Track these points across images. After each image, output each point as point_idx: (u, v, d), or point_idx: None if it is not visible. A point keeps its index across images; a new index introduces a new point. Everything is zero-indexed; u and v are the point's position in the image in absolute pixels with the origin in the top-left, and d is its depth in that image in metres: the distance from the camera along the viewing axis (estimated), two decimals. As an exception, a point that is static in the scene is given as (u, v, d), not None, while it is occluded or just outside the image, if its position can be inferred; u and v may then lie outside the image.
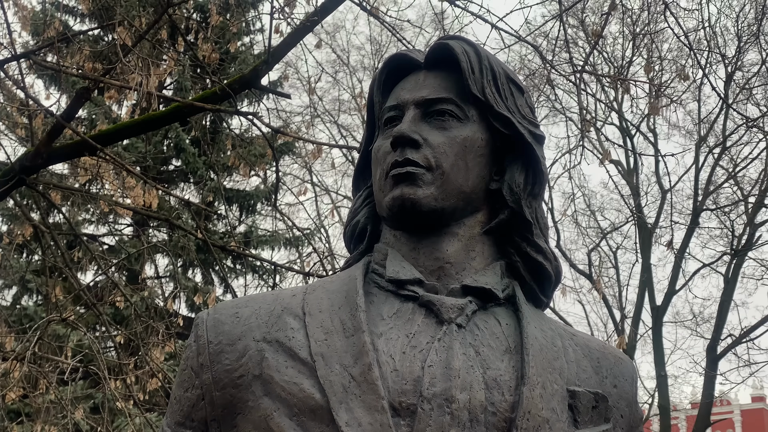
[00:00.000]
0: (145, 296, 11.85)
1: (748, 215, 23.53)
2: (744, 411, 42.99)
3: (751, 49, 22.30)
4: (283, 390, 1.96)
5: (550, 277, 2.22)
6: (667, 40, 20.73)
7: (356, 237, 2.29)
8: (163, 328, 7.18)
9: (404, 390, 1.93)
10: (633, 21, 21.85)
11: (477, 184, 2.18)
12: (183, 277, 17.70)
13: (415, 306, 2.07)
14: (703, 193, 23.45)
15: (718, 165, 23.86)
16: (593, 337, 2.32)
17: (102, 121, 10.58)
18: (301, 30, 6.18)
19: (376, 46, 23.72)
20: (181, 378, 2.15)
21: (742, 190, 24.08)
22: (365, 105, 2.94)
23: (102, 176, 7.38)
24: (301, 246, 18.70)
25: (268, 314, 2.10)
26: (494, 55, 2.27)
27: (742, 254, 23.45)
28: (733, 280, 23.38)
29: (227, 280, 18.60)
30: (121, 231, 18.60)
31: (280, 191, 20.10)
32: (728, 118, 23.38)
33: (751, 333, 23.33)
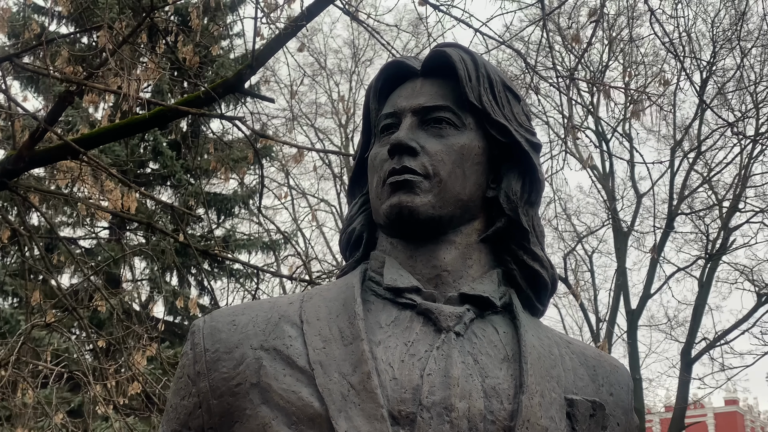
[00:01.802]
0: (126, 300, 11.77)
1: (723, 219, 23.72)
2: (717, 414, 43.24)
3: (727, 55, 22.50)
4: (281, 398, 1.96)
5: (547, 285, 2.23)
6: (644, 44, 20.85)
7: (352, 244, 2.29)
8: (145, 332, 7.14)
9: (403, 398, 1.92)
10: (609, 26, 22.00)
11: (474, 192, 2.18)
12: (161, 280, 17.60)
13: (413, 314, 2.06)
14: (678, 197, 23.61)
15: (693, 169, 24.04)
16: (589, 345, 2.32)
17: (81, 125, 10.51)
18: (285, 34, 6.17)
19: (354, 50, 23.70)
20: (178, 385, 2.13)
21: (716, 195, 24.28)
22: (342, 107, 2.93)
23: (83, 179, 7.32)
24: (278, 249, 18.63)
25: (265, 322, 2.09)
26: (490, 63, 2.28)
27: (716, 258, 23.63)
28: (708, 284, 23.55)
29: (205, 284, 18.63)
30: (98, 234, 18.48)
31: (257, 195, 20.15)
32: (703, 122, 23.56)
33: (725, 337, 23.51)
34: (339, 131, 23.26)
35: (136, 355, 6.92)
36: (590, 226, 26.00)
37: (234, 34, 19.33)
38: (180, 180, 18.57)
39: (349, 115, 24.23)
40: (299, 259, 18.64)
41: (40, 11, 18.80)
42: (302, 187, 21.63)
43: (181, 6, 15.15)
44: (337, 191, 23.23)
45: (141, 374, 6.88)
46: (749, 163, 23.49)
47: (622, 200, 25.10)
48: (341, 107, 23.90)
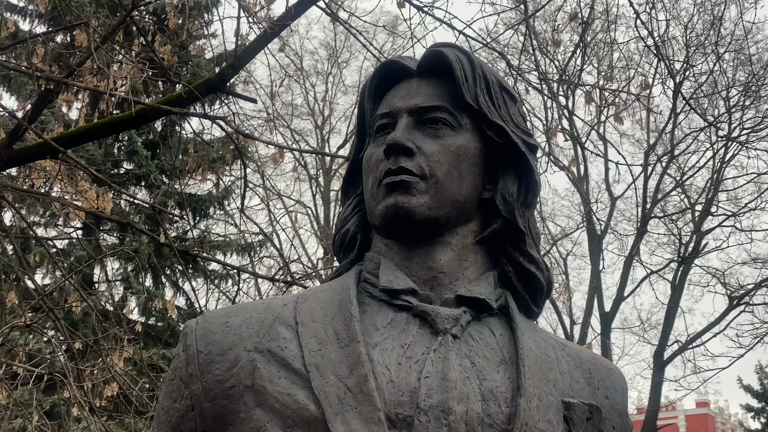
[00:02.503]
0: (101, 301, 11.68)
1: (695, 223, 23.89)
2: (689, 416, 43.54)
3: (702, 61, 22.66)
4: (276, 401, 1.93)
5: (542, 288, 2.21)
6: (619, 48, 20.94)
7: (346, 245, 2.27)
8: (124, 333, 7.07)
9: (400, 401, 1.90)
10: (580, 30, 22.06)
11: (470, 193, 2.16)
12: (135, 281, 17.48)
13: (409, 316, 2.04)
14: (652, 200, 23.76)
15: (667, 173, 24.20)
16: (584, 348, 2.31)
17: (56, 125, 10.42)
18: (268, 34, 6.13)
19: (330, 51, 23.67)
20: (169, 388, 2.10)
21: (689, 198, 24.46)
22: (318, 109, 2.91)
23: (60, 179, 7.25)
24: (254, 251, 18.56)
25: (259, 324, 2.06)
26: (486, 63, 2.26)
27: (689, 261, 23.79)
28: (680, 287, 23.71)
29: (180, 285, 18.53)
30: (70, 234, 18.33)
31: (234, 196, 20.06)
32: (676, 127, 23.73)
33: (697, 339, 23.67)
34: (315, 133, 23.25)
35: (113, 357, 6.86)
36: (565, 229, 26.11)
37: (209, 35, 19.22)
38: (155, 180, 18.44)
39: (326, 117, 24.21)
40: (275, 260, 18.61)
41: (13, 10, 18.62)
42: (278, 189, 21.53)
43: (157, 6, 15.06)
44: (312, 193, 23.19)
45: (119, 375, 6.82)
46: (721, 168, 23.69)
47: (597, 203, 25.23)
48: (317, 109, 23.88)
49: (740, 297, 23.17)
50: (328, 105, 24.21)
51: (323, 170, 23.21)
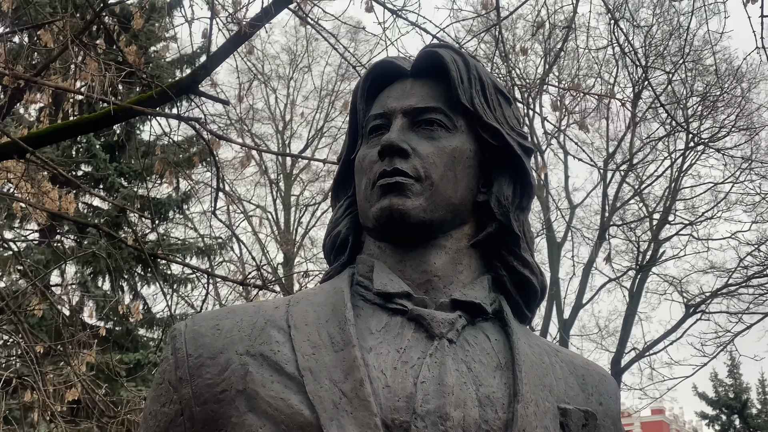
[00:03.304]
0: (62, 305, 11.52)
1: (653, 231, 24.11)
2: (644, 423, 43.86)
3: (658, 69, 22.87)
4: (269, 406, 1.89)
5: (536, 292, 2.19)
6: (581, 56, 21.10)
7: (337, 248, 2.23)
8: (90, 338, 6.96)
9: (397, 407, 1.87)
10: (545, 38, 22.22)
11: (465, 195, 2.14)
12: (93, 285, 17.28)
13: (403, 320, 2.01)
14: (610, 209, 23.94)
15: (625, 182, 24.42)
16: (576, 354, 2.30)
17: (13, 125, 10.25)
18: (242, 35, 6.07)
19: (292, 55, 23.59)
20: (157, 392, 2.05)
21: (647, 207, 24.68)
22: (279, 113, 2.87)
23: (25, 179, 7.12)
24: (213, 255, 18.42)
25: (250, 327, 2.02)
26: (482, 65, 2.24)
27: (646, 269, 24.00)
28: (638, 295, 23.91)
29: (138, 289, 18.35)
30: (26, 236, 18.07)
31: (193, 200, 19.91)
32: (635, 136, 23.95)
33: (654, 347, 23.87)
34: (276, 137, 23.15)
35: (77, 361, 6.75)
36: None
37: (171, 37, 19.08)
38: (113, 183, 18.24)
39: (287, 122, 24.11)
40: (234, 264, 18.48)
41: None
42: (238, 193, 21.37)
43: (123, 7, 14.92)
44: (273, 198, 23.08)
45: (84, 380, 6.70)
46: (679, 177, 23.95)
47: (557, 211, 25.38)
48: (278, 113, 23.78)
49: (696, 305, 23.39)
50: (289, 109, 24.13)
51: (284, 175, 23.13)
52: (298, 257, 22.30)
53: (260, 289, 6.76)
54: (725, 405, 31.89)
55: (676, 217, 24.08)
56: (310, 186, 24.26)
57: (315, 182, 24.25)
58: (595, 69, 21.87)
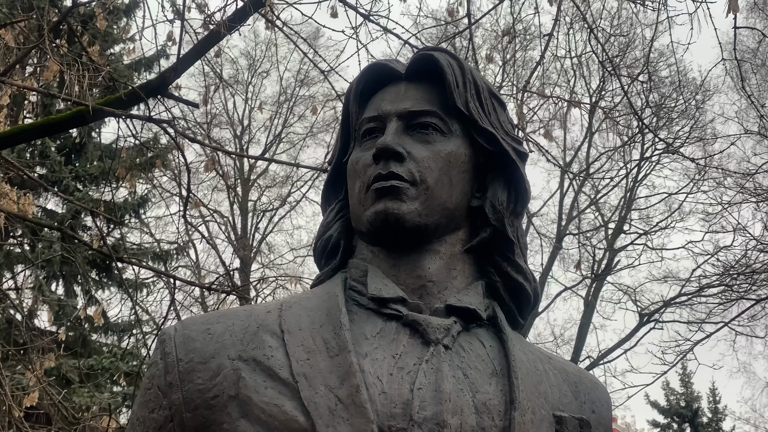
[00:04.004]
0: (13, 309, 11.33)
1: (608, 241, 24.31)
2: (595, 431, 44.17)
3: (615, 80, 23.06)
4: (262, 412, 1.85)
5: (530, 299, 2.18)
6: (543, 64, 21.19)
7: (329, 252, 2.20)
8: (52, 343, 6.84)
9: (393, 413, 1.84)
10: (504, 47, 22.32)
11: (460, 200, 2.12)
12: (47, 289, 17.03)
13: (398, 325, 1.98)
14: (567, 218, 24.11)
15: (582, 191, 24.60)
16: (568, 361, 2.29)
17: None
18: (212, 37, 6.01)
19: (250, 60, 23.47)
20: (146, 398, 2.00)
21: (603, 216, 24.88)
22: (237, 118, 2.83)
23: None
24: (170, 260, 18.26)
25: (242, 331, 1.98)
26: (476, 69, 2.22)
27: (601, 278, 24.18)
28: (593, 304, 24.07)
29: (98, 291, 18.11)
30: None
31: (149, 204, 19.72)
32: (591, 146, 24.15)
33: (609, 355, 24.05)
34: (234, 142, 23.01)
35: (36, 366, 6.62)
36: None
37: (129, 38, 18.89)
38: (68, 186, 18.00)
39: (245, 127, 23.98)
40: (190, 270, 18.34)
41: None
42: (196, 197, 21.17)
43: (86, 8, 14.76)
44: (230, 202, 22.93)
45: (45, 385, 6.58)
46: (634, 187, 24.18)
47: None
48: (236, 118, 23.64)
49: (650, 314, 23.61)
50: (247, 114, 24.02)
51: (242, 180, 23.00)
52: (255, 263, 22.20)
53: (228, 294, 6.68)
54: (676, 413, 32.20)
55: (631, 227, 24.32)
56: (268, 191, 24.19)
57: (273, 187, 24.18)
58: (553, 78, 22.01)
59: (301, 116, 24.22)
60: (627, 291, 24.26)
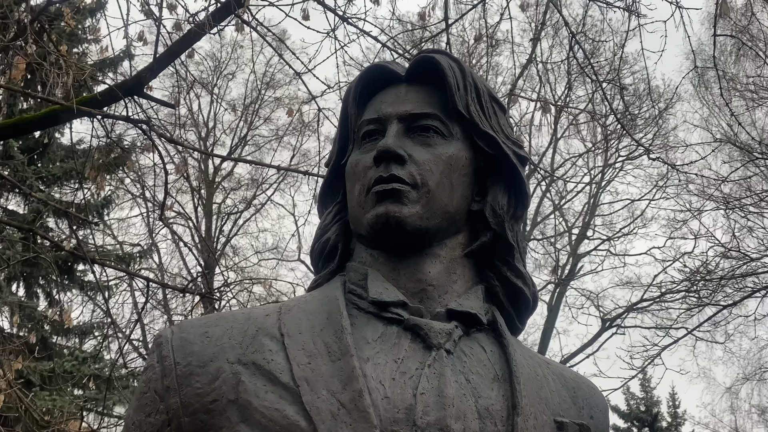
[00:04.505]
0: None
1: (572, 246, 24.44)
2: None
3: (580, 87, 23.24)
4: (263, 416, 1.83)
5: (528, 303, 2.17)
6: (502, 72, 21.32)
7: (326, 255, 2.17)
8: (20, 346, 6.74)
9: (396, 418, 1.83)
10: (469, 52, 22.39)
11: (460, 204, 2.10)
12: (7, 290, 16.79)
13: (399, 329, 1.97)
14: (531, 223, 24.20)
15: (546, 196, 24.72)
16: (565, 366, 2.28)
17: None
18: (189, 38, 5.95)
19: (216, 62, 23.32)
20: (142, 401, 1.97)
21: (566, 222, 25.02)
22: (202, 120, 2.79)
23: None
24: (133, 262, 18.09)
25: (241, 334, 1.96)
26: (476, 72, 2.21)
27: (565, 284, 24.30)
28: (556, 309, 24.19)
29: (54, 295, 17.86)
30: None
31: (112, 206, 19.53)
32: (556, 152, 24.29)
33: (571, 360, 24.17)
34: (199, 144, 22.82)
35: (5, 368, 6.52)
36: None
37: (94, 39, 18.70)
38: (32, 186, 17.76)
39: (210, 129, 23.84)
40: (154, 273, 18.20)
41: None
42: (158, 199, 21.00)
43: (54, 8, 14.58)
44: (195, 205, 22.76)
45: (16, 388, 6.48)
46: (598, 193, 24.34)
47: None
48: (201, 120, 23.50)
49: (612, 319, 23.76)
50: (212, 116, 23.88)
51: (206, 182, 22.85)
52: (219, 266, 22.05)
53: (203, 297, 6.62)
54: (636, 418, 32.38)
55: (595, 233, 24.48)
56: (233, 194, 24.05)
57: (237, 190, 24.05)
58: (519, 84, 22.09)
59: (267, 119, 24.12)
60: (590, 296, 24.43)
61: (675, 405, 31.06)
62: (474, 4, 7.66)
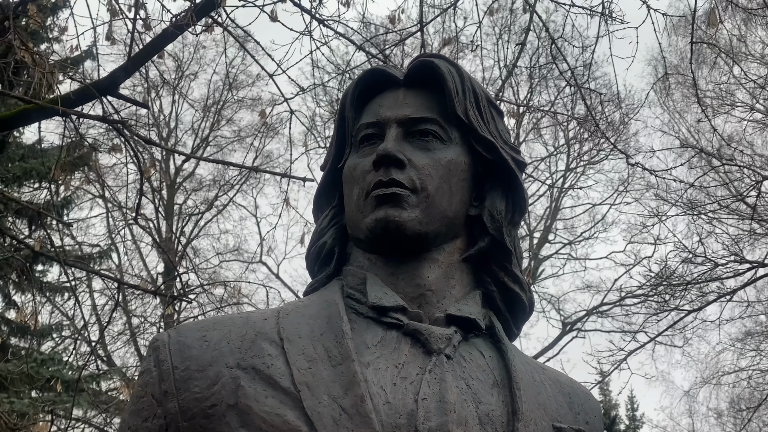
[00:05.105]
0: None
1: (533, 250, 24.57)
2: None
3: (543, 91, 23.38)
4: (263, 422, 1.81)
5: (525, 309, 2.17)
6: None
7: (323, 259, 2.16)
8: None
9: (398, 424, 1.82)
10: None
11: (459, 209, 2.10)
12: None
13: (399, 334, 1.96)
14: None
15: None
16: (560, 372, 2.28)
17: None
18: (164, 37, 5.89)
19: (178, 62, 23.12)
20: (138, 406, 1.94)
21: (528, 225, 25.13)
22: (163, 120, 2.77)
23: None
24: (94, 263, 17.89)
25: (240, 339, 1.94)
26: (474, 77, 2.21)
27: (526, 287, 24.38)
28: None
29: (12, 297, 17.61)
30: None
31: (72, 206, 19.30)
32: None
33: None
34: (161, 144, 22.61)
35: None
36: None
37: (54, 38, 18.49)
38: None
39: (171, 129, 23.66)
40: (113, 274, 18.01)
41: None
42: (117, 200, 20.80)
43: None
44: (155, 207, 22.56)
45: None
46: (559, 197, 24.50)
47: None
48: (162, 120, 23.32)
49: (572, 323, 23.91)
50: (174, 117, 23.70)
51: (167, 183, 22.66)
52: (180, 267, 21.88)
53: (174, 299, 6.56)
54: (594, 421, 32.67)
55: (556, 236, 24.63)
56: (194, 195, 23.87)
57: (199, 191, 23.87)
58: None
59: (229, 120, 23.98)
60: (551, 300, 24.56)
61: (633, 408, 31.33)
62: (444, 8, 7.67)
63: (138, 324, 20.35)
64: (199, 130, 23.62)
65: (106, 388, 17.74)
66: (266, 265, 22.34)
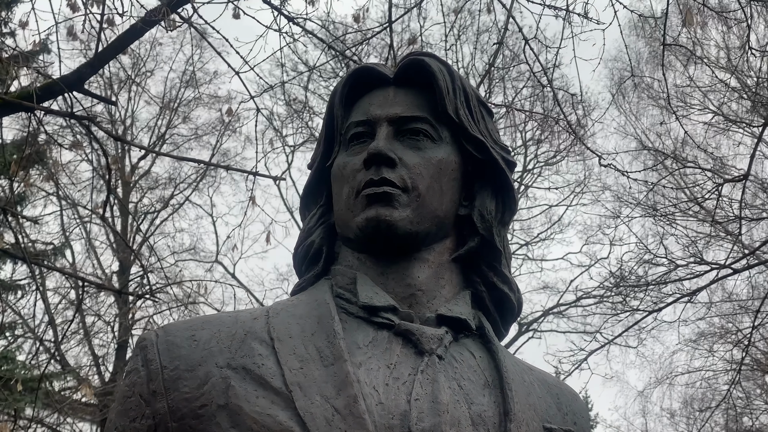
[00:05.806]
0: None
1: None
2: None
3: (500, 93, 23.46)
4: (254, 422, 1.79)
5: (514, 309, 2.17)
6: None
7: (310, 258, 2.14)
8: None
9: (391, 425, 1.80)
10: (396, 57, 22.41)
11: (449, 208, 2.09)
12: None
13: (390, 335, 1.95)
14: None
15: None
16: (546, 372, 2.28)
17: None
18: (132, 33, 5.81)
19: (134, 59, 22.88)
20: (126, 406, 1.91)
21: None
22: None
23: None
24: (49, 261, 17.64)
25: (229, 338, 1.91)
26: (464, 76, 2.20)
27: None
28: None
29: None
30: None
31: (25, 203, 19.03)
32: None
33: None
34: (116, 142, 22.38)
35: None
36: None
37: (6, 33, 18.21)
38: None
39: (127, 126, 23.43)
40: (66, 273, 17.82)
41: None
42: (73, 198, 20.54)
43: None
44: (110, 204, 22.30)
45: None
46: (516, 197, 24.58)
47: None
48: (119, 117, 23.09)
49: (529, 324, 24.03)
50: (131, 114, 23.47)
51: (122, 181, 22.42)
52: (135, 266, 21.66)
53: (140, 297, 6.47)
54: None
55: (513, 237, 24.71)
56: (150, 193, 23.65)
57: (155, 189, 23.65)
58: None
59: (185, 118, 23.78)
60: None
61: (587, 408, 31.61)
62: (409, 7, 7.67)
63: (92, 323, 20.12)
64: (155, 128, 23.41)
65: (59, 388, 17.55)
66: (222, 265, 22.18)
